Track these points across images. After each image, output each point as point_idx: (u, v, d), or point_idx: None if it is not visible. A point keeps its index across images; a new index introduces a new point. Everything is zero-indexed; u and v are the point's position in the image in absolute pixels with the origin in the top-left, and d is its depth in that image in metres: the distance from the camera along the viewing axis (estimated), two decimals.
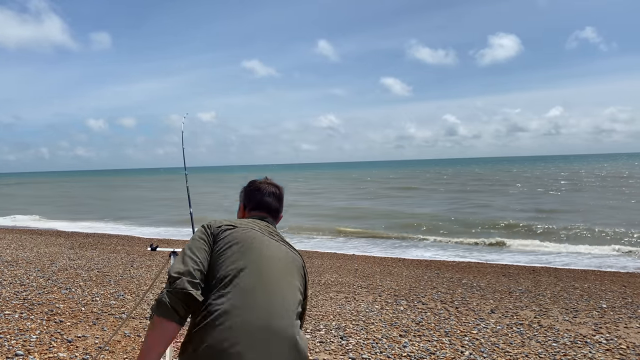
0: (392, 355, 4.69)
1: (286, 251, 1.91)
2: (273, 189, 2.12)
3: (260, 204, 2.07)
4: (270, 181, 2.15)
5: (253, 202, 2.09)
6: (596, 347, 4.98)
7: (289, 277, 1.83)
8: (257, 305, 1.68)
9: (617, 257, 12.09)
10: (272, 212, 2.09)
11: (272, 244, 1.89)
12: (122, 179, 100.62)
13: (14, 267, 9.06)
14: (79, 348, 4.61)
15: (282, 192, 2.15)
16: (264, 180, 2.15)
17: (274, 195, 2.10)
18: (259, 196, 2.09)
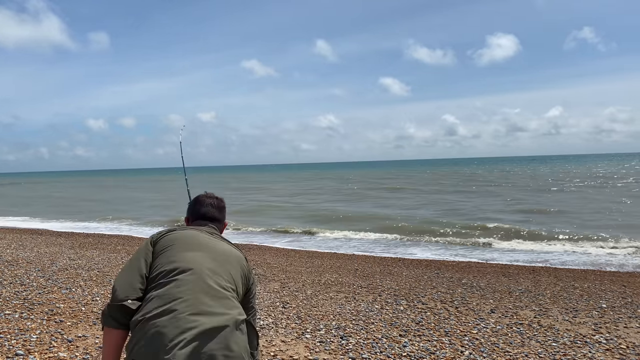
0: (392, 355, 4.69)
1: (225, 246, 2.11)
2: (212, 200, 2.35)
3: (200, 214, 2.30)
4: (210, 194, 2.40)
5: (195, 214, 2.32)
6: (596, 347, 4.99)
7: (228, 266, 2.01)
8: (185, 297, 1.80)
9: (616, 256, 12.09)
10: (213, 220, 2.30)
11: (210, 240, 2.09)
12: (116, 179, 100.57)
13: (14, 266, 9.06)
14: (79, 348, 4.61)
15: (222, 203, 2.38)
16: (204, 194, 2.39)
17: (212, 205, 2.33)
18: (199, 207, 2.31)
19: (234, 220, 20.05)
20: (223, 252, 2.05)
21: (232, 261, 2.04)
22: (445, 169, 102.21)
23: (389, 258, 11.96)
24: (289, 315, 6.09)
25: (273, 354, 4.62)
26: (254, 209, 26.88)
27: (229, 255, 2.05)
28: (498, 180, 50.52)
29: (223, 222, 2.36)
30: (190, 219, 2.33)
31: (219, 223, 2.32)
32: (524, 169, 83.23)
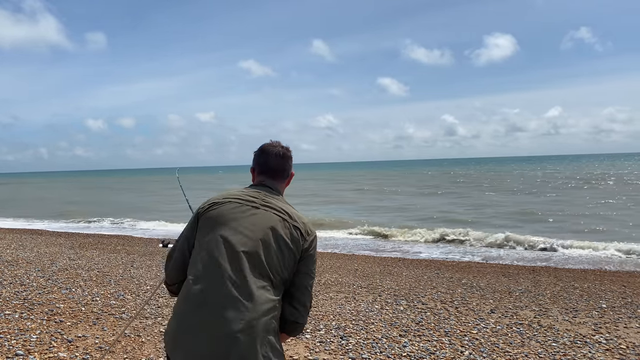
0: (392, 355, 4.69)
1: (265, 220, 1.88)
2: (277, 149, 2.13)
3: (264, 165, 2.10)
4: (276, 143, 2.16)
5: (259, 165, 2.13)
6: (596, 347, 4.99)
7: (260, 251, 1.82)
8: (207, 298, 1.76)
9: (615, 256, 12.10)
10: (276, 172, 2.10)
11: (247, 217, 1.89)
12: (107, 180, 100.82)
13: (14, 267, 9.06)
14: (79, 348, 4.61)
15: (289, 152, 2.16)
16: (270, 143, 2.16)
17: (278, 155, 2.11)
18: (264, 158, 2.11)
19: None
20: (256, 236, 1.84)
21: (268, 243, 1.84)
22: (436, 169, 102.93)
23: (389, 258, 11.96)
24: None
25: None
26: None
27: (266, 234, 1.85)
28: (479, 180, 51.06)
29: (289, 173, 2.15)
30: (255, 169, 2.15)
31: (283, 175, 2.12)
32: (514, 169, 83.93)
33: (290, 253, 1.86)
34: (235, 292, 1.74)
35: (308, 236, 1.92)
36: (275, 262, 1.82)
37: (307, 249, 1.91)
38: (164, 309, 6.11)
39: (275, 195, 2.02)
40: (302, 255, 1.90)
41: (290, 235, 1.87)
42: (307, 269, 1.91)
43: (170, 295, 2.14)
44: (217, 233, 1.86)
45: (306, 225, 1.94)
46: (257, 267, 1.80)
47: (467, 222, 18.87)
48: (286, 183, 2.16)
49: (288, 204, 2.02)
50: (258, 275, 1.79)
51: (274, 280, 1.82)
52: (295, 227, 1.90)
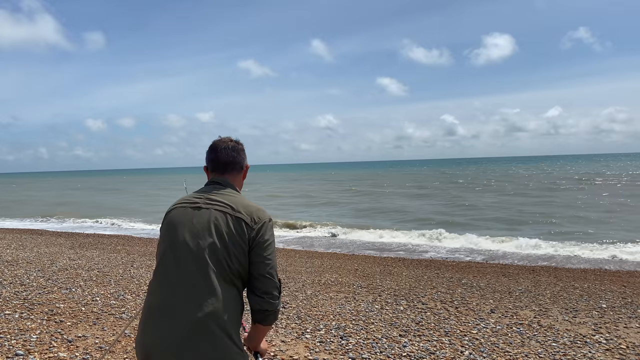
0: (392, 355, 4.69)
1: (205, 217, 1.89)
2: (226, 144, 2.11)
3: (214, 162, 2.11)
4: (225, 138, 2.15)
5: (210, 162, 2.13)
6: (596, 347, 4.99)
7: (204, 249, 1.83)
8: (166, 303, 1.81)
9: (615, 256, 12.10)
10: (226, 166, 2.09)
11: (188, 219, 1.90)
12: (103, 180, 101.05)
13: (14, 267, 9.07)
14: (79, 348, 4.62)
15: (238, 145, 2.14)
16: (219, 139, 2.15)
17: (227, 150, 2.10)
18: (213, 155, 2.11)
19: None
20: (197, 227, 1.88)
21: (209, 234, 1.85)
22: (427, 170, 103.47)
23: (389, 258, 11.96)
24: (288, 315, 6.09)
25: (273, 354, 4.62)
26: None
27: (204, 226, 1.87)
28: (470, 179, 51.50)
29: (242, 166, 2.13)
30: (207, 167, 2.16)
31: (234, 168, 2.10)
32: (507, 169, 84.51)
33: (235, 245, 1.84)
34: (184, 294, 1.78)
35: (255, 224, 1.88)
36: (221, 258, 1.82)
37: (254, 237, 1.87)
38: None
39: (223, 189, 2.00)
40: (251, 245, 1.87)
41: (232, 227, 1.85)
42: (260, 258, 1.86)
43: None
44: (167, 241, 1.91)
45: (252, 214, 1.90)
46: (205, 265, 1.81)
47: (433, 222, 19.50)
48: (242, 176, 2.16)
49: (236, 195, 1.99)
50: (207, 273, 1.80)
51: (224, 275, 1.82)
52: (238, 219, 1.87)
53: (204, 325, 1.75)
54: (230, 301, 1.82)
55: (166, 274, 1.85)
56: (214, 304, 1.77)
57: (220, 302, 1.78)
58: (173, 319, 1.77)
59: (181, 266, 1.83)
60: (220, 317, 1.77)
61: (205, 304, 1.76)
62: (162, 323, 1.78)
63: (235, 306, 1.85)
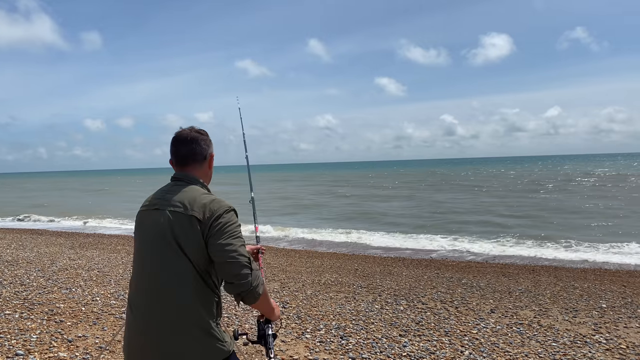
0: (392, 354, 4.69)
1: (158, 219, 1.91)
2: (184, 135, 2.06)
3: (174, 155, 2.07)
4: (185, 129, 2.08)
5: (172, 156, 2.10)
6: (596, 347, 4.99)
7: (164, 251, 1.87)
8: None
9: (615, 255, 12.10)
10: (186, 158, 2.04)
11: (149, 223, 1.94)
12: (97, 179, 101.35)
13: (15, 267, 9.06)
14: (79, 348, 4.61)
15: (199, 134, 2.07)
16: (179, 130, 2.09)
17: (185, 141, 2.04)
18: (173, 148, 2.08)
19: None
20: (155, 231, 1.91)
21: (166, 236, 1.88)
22: (418, 170, 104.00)
23: (389, 258, 11.96)
24: (288, 315, 6.09)
25: (273, 354, 4.62)
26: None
27: (161, 230, 1.89)
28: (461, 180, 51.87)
29: (204, 156, 2.07)
30: (171, 160, 2.12)
31: (194, 159, 2.05)
32: (499, 169, 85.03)
33: (192, 243, 1.84)
34: (152, 297, 1.86)
35: (208, 219, 1.85)
36: (181, 257, 1.84)
37: (208, 231, 1.85)
38: None
39: (182, 187, 1.98)
40: (206, 239, 1.85)
41: (185, 226, 1.85)
42: (216, 247, 1.83)
43: None
44: (137, 244, 1.99)
45: (206, 207, 1.87)
46: (167, 265, 1.85)
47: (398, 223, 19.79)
48: (208, 166, 2.10)
49: (195, 191, 1.96)
50: (169, 272, 1.84)
51: (186, 273, 1.84)
52: (191, 217, 1.85)
53: (177, 325, 1.82)
54: (195, 291, 1.84)
55: (136, 277, 1.95)
56: (177, 295, 1.82)
57: (183, 293, 1.82)
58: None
59: (146, 269, 1.90)
60: (191, 313, 1.83)
61: (168, 298, 1.83)
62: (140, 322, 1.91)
63: (201, 293, 1.86)
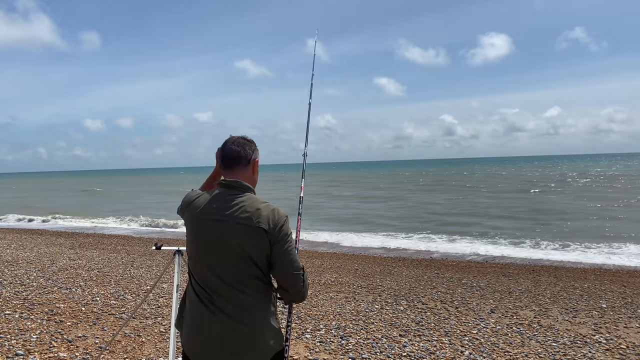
0: (392, 355, 4.69)
1: (225, 231, 1.98)
2: (231, 140, 2.15)
3: (223, 159, 2.14)
4: (234, 137, 2.17)
5: (220, 160, 2.18)
6: (596, 347, 4.99)
7: (233, 260, 1.97)
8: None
9: (615, 255, 12.11)
10: (232, 161, 2.11)
11: (213, 233, 2.00)
12: (92, 180, 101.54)
13: (15, 267, 9.06)
14: (79, 348, 4.61)
15: (245, 140, 2.16)
16: (229, 138, 2.17)
17: (233, 144, 2.13)
18: (222, 152, 2.15)
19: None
20: (222, 242, 1.99)
21: (234, 248, 1.97)
22: (416, 170, 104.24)
23: (389, 258, 11.96)
24: None
25: None
26: None
27: (229, 241, 1.97)
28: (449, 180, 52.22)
29: (249, 162, 2.13)
30: (219, 165, 2.21)
31: (240, 162, 2.11)
32: (497, 170, 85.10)
33: (256, 250, 1.96)
34: (223, 296, 1.99)
35: (272, 229, 1.97)
36: (242, 264, 1.96)
37: (274, 239, 1.97)
38: (163, 309, 6.11)
39: (235, 195, 2.03)
40: (272, 245, 1.97)
41: (252, 236, 1.95)
42: (279, 258, 1.98)
43: None
44: (197, 251, 2.05)
45: (269, 219, 1.97)
46: (234, 271, 1.97)
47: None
48: (252, 170, 2.16)
49: (250, 200, 2.02)
50: (237, 277, 1.97)
51: (251, 276, 1.98)
52: (258, 228, 1.95)
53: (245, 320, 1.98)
54: (259, 295, 2.00)
55: (196, 282, 2.06)
56: (244, 300, 1.98)
57: (249, 296, 1.98)
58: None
59: (210, 278, 2.00)
60: (250, 307, 1.98)
61: (237, 302, 1.98)
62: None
63: (264, 297, 2.02)
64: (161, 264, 9.85)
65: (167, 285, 7.48)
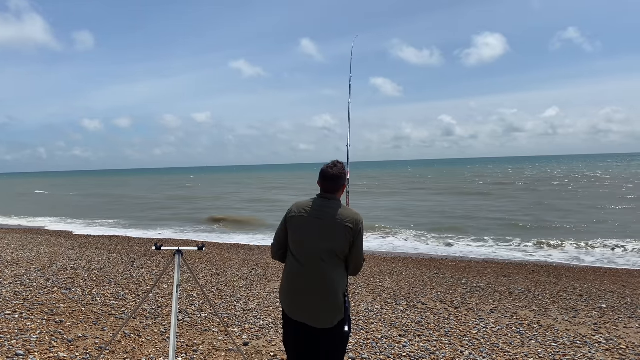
0: (392, 355, 4.70)
1: (323, 226, 2.85)
2: (328, 172, 2.97)
3: (322, 185, 3.00)
4: (330, 165, 2.99)
5: (320, 184, 3.00)
6: (596, 347, 4.99)
7: (323, 244, 2.83)
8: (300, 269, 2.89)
9: (614, 255, 12.12)
10: (329, 189, 2.97)
11: (314, 226, 2.86)
12: (87, 180, 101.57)
13: (15, 267, 9.06)
14: (79, 348, 4.62)
15: (336, 170, 2.96)
16: (327, 166, 2.99)
17: (327, 177, 2.96)
18: (320, 179, 3.01)
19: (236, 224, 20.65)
20: (321, 235, 2.83)
21: (330, 238, 2.82)
22: (414, 171, 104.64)
23: (389, 258, 11.96)
24: None
25: (273, 354, 4.62)
26: (263, 209, 27.08)
27: (326, 233, 2.82)
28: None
29: (339, 189, 2.98)
30: (319, 182, 3.01)
31: (334, 190, 2.96)
32: (494, 170, 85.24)
33: (341, 242, 2.82)
34: (319, 270, 2.83)
35: (355, 227, 2.84)
36: (331, 251, 2.82)
37: (356, 236, 2.85)
38: (163, 309, 6.11)
39: (330, 203, 2.92)
40: (353, 240, 2.85)
41: (341, 232, 2.82)
42: (356, 250, 2.88)
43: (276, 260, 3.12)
44: (298, 238, 2.91)
45: (353, 220, 2.85)
46: (324, 255, 2.82)
47: None
48: (342, 189, 3.04)
49: (340, 207, 2.91)
50: (328, 261, 2.82)
51: (334, 260, 2.83)
52: (346, 226, 2.83)
53: (323, 286, 2.82)
54: (338, 274, 2.85)
55: (297, 262, 2.89)
56: (330, 274, 2.82)
57: (333, 272, 2.82)
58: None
59: (308, 258, 2.85)
60: (332, 282, 2.83)
61: (325, 275, 2.82)
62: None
63: (342, 276, 2.88)
64: (161, 264, 9.85)
65: (167, 285, 7.48)
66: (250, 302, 6.72)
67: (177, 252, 3.42)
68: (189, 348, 4.73)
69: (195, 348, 4.73)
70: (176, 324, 3.43)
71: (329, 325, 2.82)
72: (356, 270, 2.95)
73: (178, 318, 4.81)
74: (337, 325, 2.84)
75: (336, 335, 2.86)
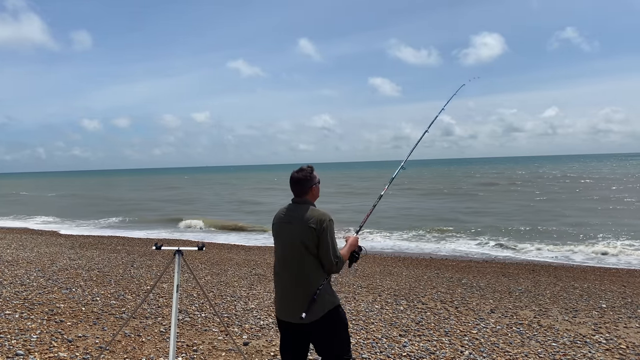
0: (392, 355, 4.69)
1: (292, 229, 3.02)
2: (293, 175, 3.14)
3: (291, 190, 3.16)
4: (296, 170, 3.15)
5: (291, 189, 3.16)
6: (596, 347, 4.99)
7: (296, 248, 3.00)
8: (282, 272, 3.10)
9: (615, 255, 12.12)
10: (297, 193, 3.13)
11: (286, 231, 3.06)
12: (83, 180, 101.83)
13: (15, 267, 9.06)
14: (79, 348, 4.61)
15: (302, 174, 3.10)
16: (294, 171, 3.15)
17: (293, 181, 3.13)
18: (290, 184, 3.16)
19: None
20: (293, 239, 3.00)
21: (299, 241, 2.98)
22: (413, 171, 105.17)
23: (389, 258, 11.96)
24: None
25: (273, 354, 4.62)
26: (263, 210, 27.11)
27: (296, 238, 2.98)
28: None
29: (306, 192, 3.12)
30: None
31: (302, 193, 3.11)
32: (493, 170, 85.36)
33: (311, 243, 2.96)
34: (292, 276, 3.01)
35: (319, 227, 2.96)
36: (304, 251, 2.97)
37: (319, 235, 2.96)
38: (163, 309, 6.11)
39: (300, 207, 3.07)
40: (318, 240, 2.96)
41: (307, 233, 2.96)
42: (321, 247, 2.97)
43: None
44: (278, 244, 3.13)
45: (315, 219, 2.98)
46: (298, 257, 2.99)
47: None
48: (312, 192, 3.15)
49: (308, 209, 3.05)
50: (299, 261, 2.99)
51: (308, 260, 2.98)
52: (310, 227, 2.96)
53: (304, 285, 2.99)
54: (312, 273, 2.99)
55: (279, 262, 3.10)
56: (304, 273, 2.99)
57: (306, 271, 2.99)
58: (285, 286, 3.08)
59: (286, 258, 3.05)
60: (305, 281, 2.99)
61: (299, 275, 3.00)
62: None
63: (316, 275, 3.00)
64: (161, 264, 9.85)
65: (167, 285, 7.48)
66: (251, 302, 6.72)
67: (177, 252, 3.43)
68: (189, 348, 4.73)
69: (195, 348, 4.73)
70: (176, 323, 3.43)
71: (307, 321, 2.94)
72: (331, 267, 3.03)
73: (178, 318, 4.81)
74: (321, 319, 2.98)
75: (321, 326, 3.00)
